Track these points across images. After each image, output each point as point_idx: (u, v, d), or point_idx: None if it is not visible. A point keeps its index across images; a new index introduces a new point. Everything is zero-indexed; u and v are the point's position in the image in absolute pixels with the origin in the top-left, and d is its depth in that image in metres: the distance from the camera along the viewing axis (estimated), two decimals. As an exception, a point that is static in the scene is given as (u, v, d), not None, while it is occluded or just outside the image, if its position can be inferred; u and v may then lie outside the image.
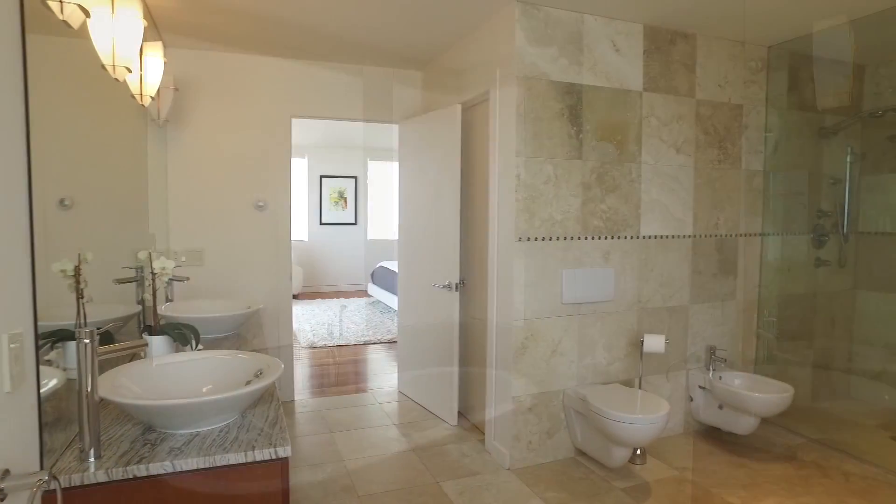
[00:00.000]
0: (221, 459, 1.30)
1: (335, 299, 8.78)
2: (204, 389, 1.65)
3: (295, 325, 6.75)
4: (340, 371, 5.00)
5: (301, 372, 4.94)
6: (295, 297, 8.77)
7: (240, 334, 2.64)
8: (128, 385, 1.50)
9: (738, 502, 2.75)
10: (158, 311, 2.11)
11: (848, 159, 4.07)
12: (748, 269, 3.75)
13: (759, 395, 3.13)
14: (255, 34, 3.47)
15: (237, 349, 2.24)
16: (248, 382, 1.59)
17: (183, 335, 1.98)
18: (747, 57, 3.62)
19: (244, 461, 1.32)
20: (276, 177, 3.99)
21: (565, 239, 3.12)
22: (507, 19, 3.02)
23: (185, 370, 1.69)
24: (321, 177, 9.48)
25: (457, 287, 3.58)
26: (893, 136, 4.00)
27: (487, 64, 3.26)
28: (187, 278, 2.72)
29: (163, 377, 1.65)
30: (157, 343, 1.95)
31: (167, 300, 3.03)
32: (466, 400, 3.82)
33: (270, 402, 1.65)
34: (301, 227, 9.46)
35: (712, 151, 3.54)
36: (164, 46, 3.25)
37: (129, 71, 1.94)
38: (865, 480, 2.98)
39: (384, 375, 4.86)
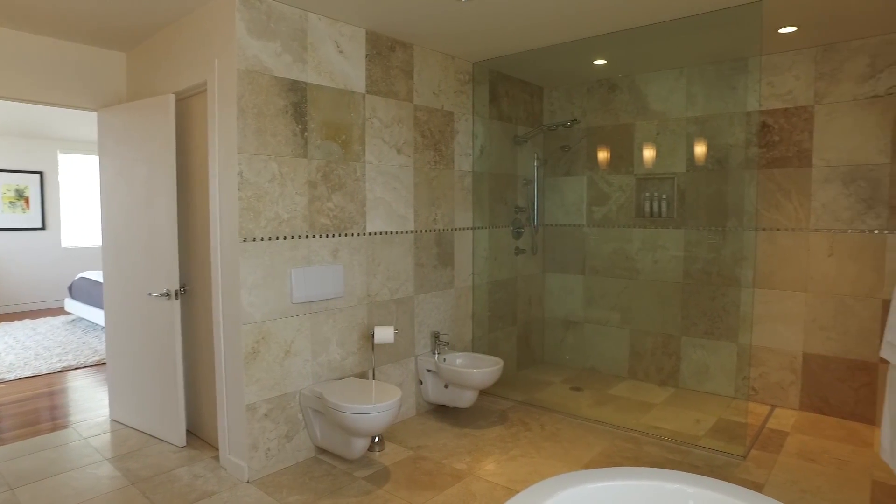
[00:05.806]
0: None
1: (18, 321, 7.18)
2: None
3: (-42, 359, 5.32)
4: (27, 409, 4.11)
5: (-31, 416, 3.92)
6: (-43, 323, 6.94)
7: None
8: None
9: (464, 467, 3.08)
10: None
11: (535, 164, 4.89)
12: (463, 260, 4.22)
13: (476, 371, 3.55)
14: None
15: None
16: None
17: None
18: (457, 69, 4.05)
19: None
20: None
21: (293, 238, 3.08)
22: (226, 6, 2.83)
23: None
24: (-9, 171, 7.64)
25: (177, 294, 3.25)
26: (563, 146, 4.95)
27: (205, 52, 3.02)
28: None
29: None
30: None
31: None
32: (196, 416, 3.50)
33: None
34: (-37, 235, 7.51)
35: (429, 153, 3.88)
36: None
37: None
38: (555, 426, 3.64)
39: (92, 404, 4.15)
